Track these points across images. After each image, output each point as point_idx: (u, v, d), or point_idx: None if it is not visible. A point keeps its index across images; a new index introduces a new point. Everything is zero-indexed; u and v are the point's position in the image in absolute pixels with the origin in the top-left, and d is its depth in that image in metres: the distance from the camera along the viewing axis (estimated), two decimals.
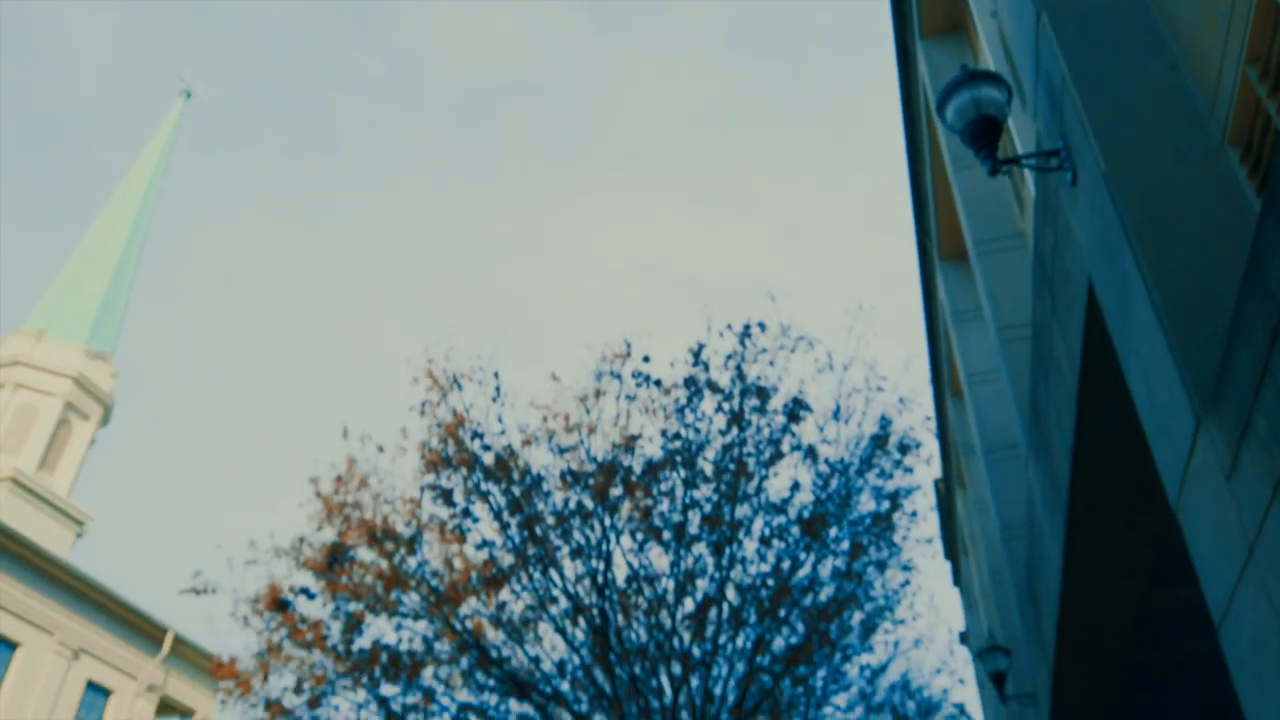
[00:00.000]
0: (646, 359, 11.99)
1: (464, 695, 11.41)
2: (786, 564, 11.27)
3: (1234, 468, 2.62)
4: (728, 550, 10.95)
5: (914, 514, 11.85)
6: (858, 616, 13.21)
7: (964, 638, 29.55)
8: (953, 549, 28.39)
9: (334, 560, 10.68)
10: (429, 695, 11.03)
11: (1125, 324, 3.71)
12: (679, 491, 11.21)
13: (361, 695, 11.15)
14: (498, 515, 11.08)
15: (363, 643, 10.94)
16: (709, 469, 11.42)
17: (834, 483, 11.71)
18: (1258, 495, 2.46)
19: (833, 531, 11.47)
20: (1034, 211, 5.94)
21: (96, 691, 23.04)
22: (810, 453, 11.29)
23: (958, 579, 30.25)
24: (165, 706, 25.59)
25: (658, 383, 11.20)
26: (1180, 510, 3.22)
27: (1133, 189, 3.57)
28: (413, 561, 11.13)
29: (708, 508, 11.14)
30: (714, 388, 11.24)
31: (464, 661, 11.13)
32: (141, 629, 24.14)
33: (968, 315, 14.46)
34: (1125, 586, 7.22)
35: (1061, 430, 6.06)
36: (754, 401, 11.44)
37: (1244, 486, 2.55)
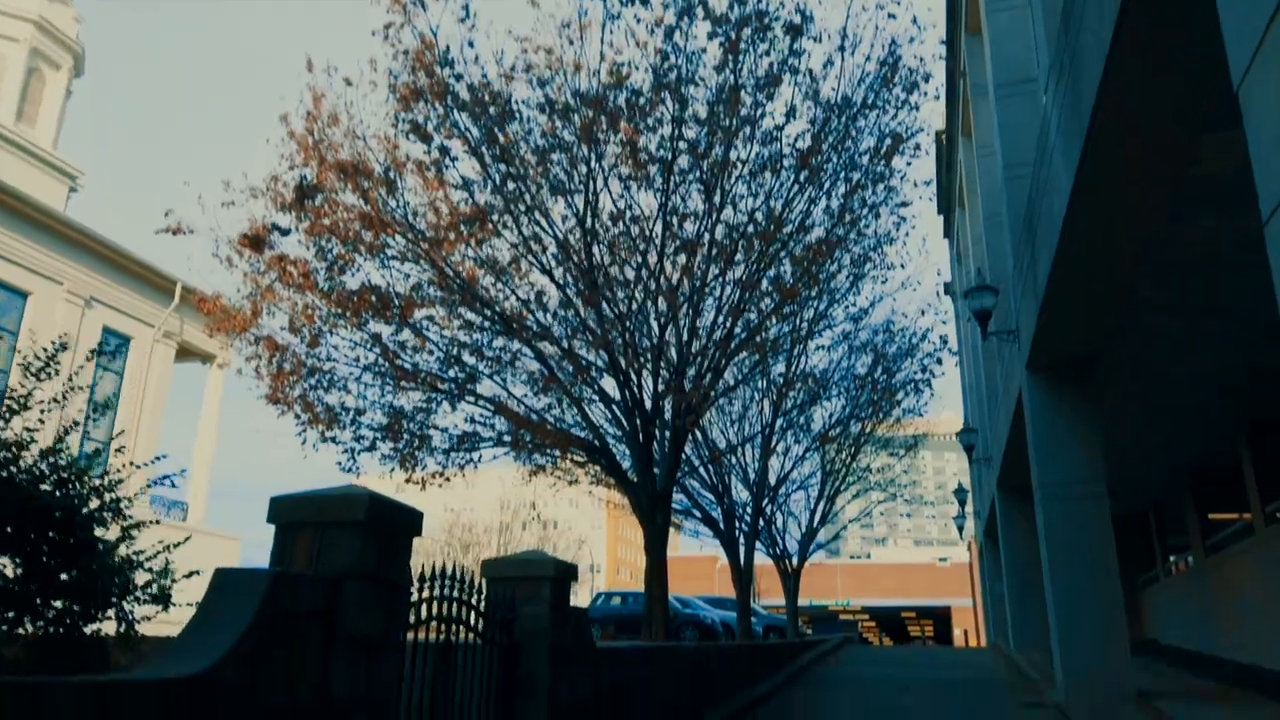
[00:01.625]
0: None
1: (454, 333, 11.64)
2: (778, 203, 10.88)
3: None
4: (718, 189, 10.48)
5: (917, 146, 11.18)
6: (847, 259, 13.14)
7: (948, 288, 30.46)
8: (947, 203, 28.16)
9: (303, 196, 10.24)
10: (420, 334, 11.24)
11: None
12: (667, 130, 10.48)
13: (358, 335, 11.37)
14: (475, 151, 10.45)
15: (351, 284, 10.91)
16: (701, 111, 10.58)
17: (834, 120, 10.93)
18: None
19: (828, 168, 10.91)
20: None
21: (115, 337, 24.06)
22: (810, 77, 10.33)
23: (949, 232, 30.44)
24: (185, 352, 26.92)
25: (644, 1, 9.92)
26: (1244, 89, 2.70)
27: None
28: (393, 202, 10.73)
29: (699, 147, 10.49)
30: (707, 9, 10.00)
31: (453, 302, 11.18)
32: (150, 280, 24.59)
33: None
34: (1134, 215, 6.87)
35: (1098, 36, 5.30)
36: (749, 29, 10.26)
37: None
